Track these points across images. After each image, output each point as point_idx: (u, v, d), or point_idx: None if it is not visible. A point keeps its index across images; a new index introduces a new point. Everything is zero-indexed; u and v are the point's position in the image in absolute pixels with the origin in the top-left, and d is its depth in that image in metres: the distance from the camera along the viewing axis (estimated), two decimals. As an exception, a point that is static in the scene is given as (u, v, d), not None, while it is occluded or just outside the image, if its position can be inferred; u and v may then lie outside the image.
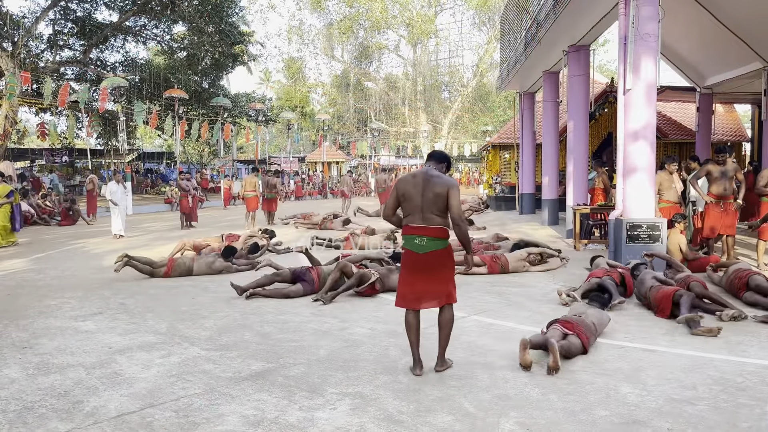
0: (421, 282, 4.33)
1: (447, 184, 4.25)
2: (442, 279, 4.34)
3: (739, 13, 11.96)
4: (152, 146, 57.32)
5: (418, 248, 4.31)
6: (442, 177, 4.31)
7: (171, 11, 29.43)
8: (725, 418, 3.55)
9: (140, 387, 4.14)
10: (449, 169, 4.50)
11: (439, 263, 4.32)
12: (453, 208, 4.23)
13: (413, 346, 4.41)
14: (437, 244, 4.29)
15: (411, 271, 4.36)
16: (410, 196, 4.29)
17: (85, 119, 27.08)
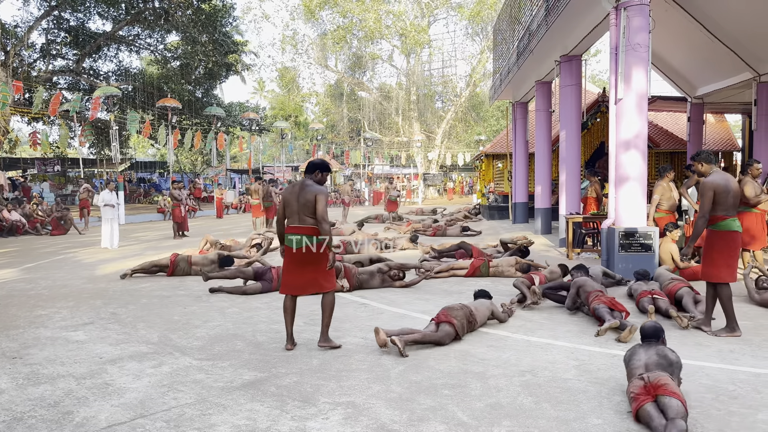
0: (298, 273, 5.19)
1: (315, 192, 5.14)
2: (315, 270, 5.17)
3: (729, 24, 12.10)
4: (145, 156, 57.27)
5: (293, 244, 5.17)
6: (313, 186, 5.20)
7: (164, 21, 29.51)
8: (717, 426, 3.55)
9: (131, 397, 4.10)
10: (324, 172, 5.32)
11: (312, 257, 5.17)
12: (317, 210, 5.11)
13: (288, 326, 5.30)
14: (310, 240, 5.16)
15: (289, 264, 5.26)
16: (289, 203, 5.24)
17: (77, 128, 27.02)
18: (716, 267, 5.57)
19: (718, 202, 5.51)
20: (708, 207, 5.53)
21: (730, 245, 5.58)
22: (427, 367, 4.69)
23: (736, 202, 5.62)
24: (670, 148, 20.04)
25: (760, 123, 13.36)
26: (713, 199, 5.50)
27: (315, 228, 5.16)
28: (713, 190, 5.49)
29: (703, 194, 5.56)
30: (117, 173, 27.69)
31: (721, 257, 5.56)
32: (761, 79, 13.07)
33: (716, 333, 5.58)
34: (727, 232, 5.57)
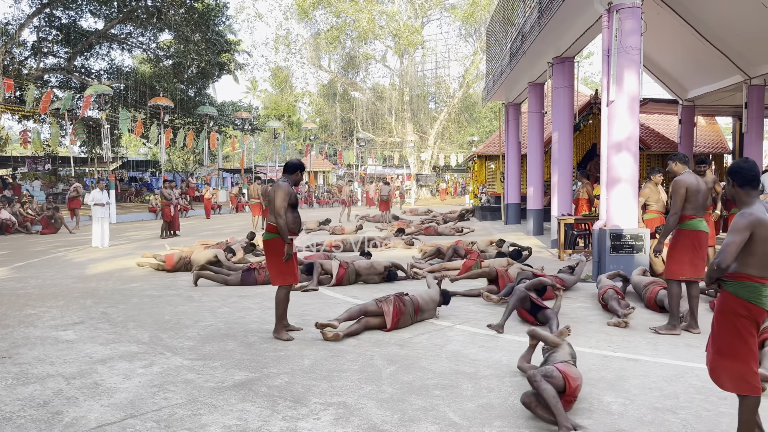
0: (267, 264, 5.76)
1: (275, 188, 5.51)
2: (270, 263, 5.65)
3: (720, 27, 12.19)
4: (137, 154, 56.99)
5: (263, 237, 5.71)
6: (279, 183, 5.54)
7: (157, 19, 29.40)
8: (707, 426, 3.57)
9: (121, 397, 4.08)
10: (295, 171, 5.69)
11: (268, 250, 5.64)
12: (275, 205, 5.44)
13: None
14: (269, 235, 5.61)
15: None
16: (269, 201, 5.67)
17: (68, 127, 26.85)
18: (679, 264, 5.74)
19: (689, 201, 5.69)
20: (680, 204, 5.69)
21: (695, 244, 5.72)
22: (419, 367, 4.69)
23: (704, 204, 5.80)
24: (661, 150, 20.15)
25: (750, 126, 13.46)
26: (685, 197, 5.67)
27: (271, 225, 5.54)
28: (685, 188, 5.67)
29: (676, 192, 5.73)
30: (108, 172, 27.55)
31: (685, 255, 5.71)
32: (752, 82, 13.17)
33: (657, 329, 5.75)
34: (693, 231, 5.72)
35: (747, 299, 3.07)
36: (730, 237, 3.06)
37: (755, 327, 3.10)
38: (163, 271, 9.90)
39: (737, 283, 3.11)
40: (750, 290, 3.07)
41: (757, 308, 3.07)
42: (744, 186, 3.18)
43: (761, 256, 3.05)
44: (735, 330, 3.11)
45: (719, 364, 3.17)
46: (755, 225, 3.03)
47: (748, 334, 3.09)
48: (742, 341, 3.10)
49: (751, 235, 3.03)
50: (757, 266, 3.07)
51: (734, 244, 3.03)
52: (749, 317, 3.08)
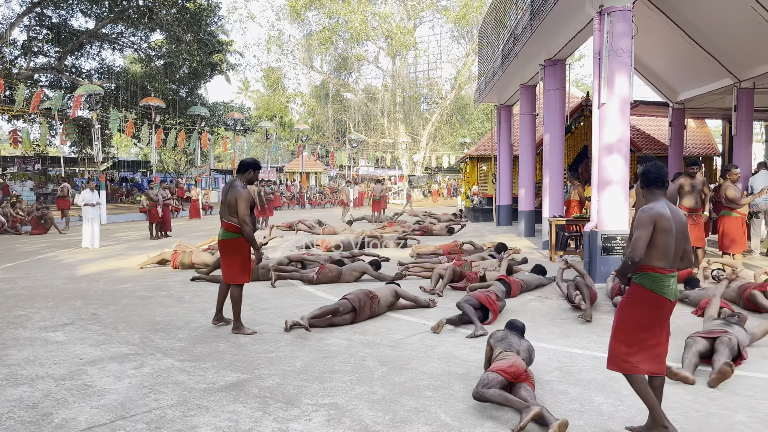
0: (221, 261, 5.97)
1: (236, 195, 5.73)
2: (227, 261, 5.87)
3: (710, 30, 12.27)
4: (128, 155, 56.71)
5: (219, 236, 5.95)
6: (237, 188, 5.76)
7: (148, 19, 29.25)
8: (696, 426, 3.60)
9: (111, 399, 4.06)
10: (247, 170, 5.88)
11: (225, 249, 5.88)
12: (239, 213, 5.71)
13: (217, 303, 6.13)
14: (226, 235, 5.83)
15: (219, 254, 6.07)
16: (222, 200, 5.95)
17: (58, 127, 26.68)
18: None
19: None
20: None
21: None
22: (411, 368, 4.70)
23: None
24: (652, 152, 20.25)
25: (739, 128, 13.55)
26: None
27: (232, 225, 5.79)
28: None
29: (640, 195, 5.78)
30: (99, 172, 27.39)
31: None
32: (741, 85, 13.26)
33: None
34: None
35: (651, 289, 3.32)
36: (637, 232, 3.30)
37: (658, 316, 3.34)
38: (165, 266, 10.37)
39: (643, 274, 3.35)
40: (654, 281, 3.32)
41: (661, 298, 3.32)
42: (649, 186, 3.50)
43: (662, 247, 3.31)
44: (636, 318, 3.35)
45: (612, 346, 3.43)
46: (656, 218, 3.30)
47: (649, 322, 3.33)
48: (641, 329, 3.34)
49: (654, 228, 3.30)
50: (660, 258, 3.32)
51: (642, 239, 3.28)
52: (653, 307, 3.33)
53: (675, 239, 3.36)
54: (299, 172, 41.44)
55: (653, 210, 3.34)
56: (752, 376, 4.52)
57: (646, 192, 3.54)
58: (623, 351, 3.37)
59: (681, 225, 3.41)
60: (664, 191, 3.50)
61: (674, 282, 3.37)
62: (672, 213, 3.39)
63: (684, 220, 3.45)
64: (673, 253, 3.37)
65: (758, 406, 3.92)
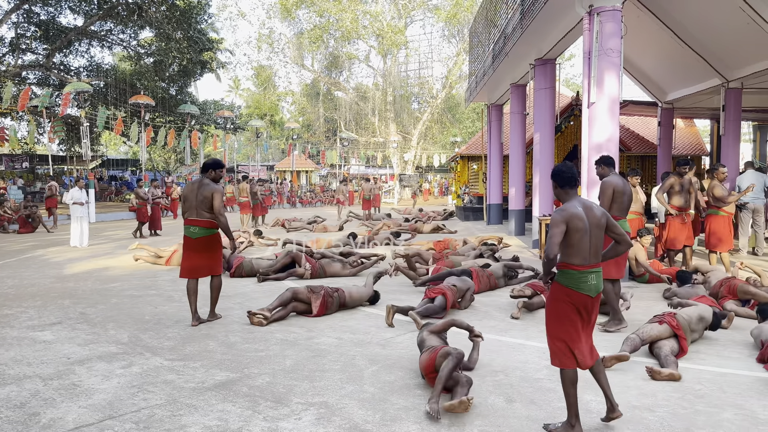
0: (195, 259, 6.12)
1: (212, 190, 6.04)
2: (208, 256, 6.15)
3: (699, 31, 12.36)
4: (117, 153, 56.33)
5: (191, 234, 6.10)
6: (210, 184, 6.08)
7: (138, 16, 29.05)
8: (683, 424, 3.63)
9: (99, 398, 4.04)
10: (207, 170, 6.16)
11: (206, 245, 6.12)
12: (214, 206, 6.03)
13: (192, 305, 6.15)
14: (205, 232, 6.08)
15: (187, 251, 6.19)
16: (188, 199, 6.10)
17: (47, 124, 26.46)
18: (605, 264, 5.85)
19: (615, 202, 5.94)
20: (607, 205, 5.95)
21: None
22: (401, 367, 4.70)
23: (628, 206, 6.06)
24: (641, 151, 20.40)
25: (727, 128, 13.66)
26: (612, 198, 5.93)
27: (210, 221, 6.08)
28: (612, 189, 5.94)
29: (603, 192, 5.98)
30: (87, 170, 27.19)
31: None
32: (729, 85, 13.37)
33: (605, 327, 5.89)
34: None
35: (568, 286, 3.47)
36: (550, 232, 3.45)
37: (577, 311, 3.47)
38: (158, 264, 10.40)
39: (561, 272, 3.52)
40: (570, 278, 3.47)
41: (577, 294, 3.46)
42: (563, 186, 3.65)
43: (577, 246, 3.46)
44: (559, 314, 3.49)
45: (549, 343, 3.56)
46: (568, 218, 3.44)
47: (570, 317, 3.47)
48: (565, 323, 3.47)
49: (567, 228, 3.43)
50: (575, 255, 3.47)
51: (555, 237, 3.42)
52: (571, 302, 3.46)
53: (590, 236, 3.49)
54: (290, 170, 41.32)
55: (566, 210, 3.46)
56: (739, 374, 4.56)
57: (561, 192, 3.66)
58: (561, 347, 3.48)
59: (596, 220, 3.53)
60: (576, 190, 3.65)
61: (594, 278, 3.49)
62: (586, 211, 3.52)
63: (600, 214, 3.57)
64: (590, 250, 3.50)
65: (745, 403, 3.96)
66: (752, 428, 3.58)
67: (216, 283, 6.32)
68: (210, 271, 6.22)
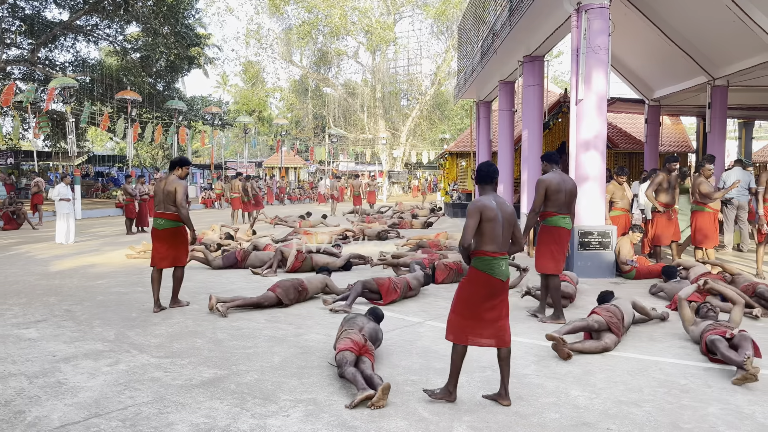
0: (161, 249, 6.56)
1: (175, 185, 6.47)
2: (174, 247, 6.59)
3: (685, 29, 12.44)
4: (103, 149, 55.85)
5: (158, 226, 6.56)
6: (175, 180, 6.50)
7: (124, 11, 28.73)
8: (670, 419, 3.66)
9: (85, 396, 4.00)
10: (174, 168, 6.59)
11: (170, 236, 6.55)
12: (177, 199, 6.44)
13: (155, 293, 6.58)
14: (170, 224, 6.52)
15: (154, 242, 6.65)
16: (156, 194, 6.55)
17: (32, 120, 26.16)
18: (543, 259, 6.11)
19: (550, 199, 6.00)
20: (539, 202, 6.06)
21: (556, 240, 6.09)
22: (390, 363, 4.70)
23: (568, 202, 6.09)
24: (628, 148, 20.53)
25: (713, 125, 13.77)
26: (545, 196, 5.99)
27: (174, 214, 6.48)
28: (545, 188, 5.98)
29: (537, 189, 6.07)
30: (73, 167, 26.92)
31: (547, 250, 6.08)
32: (715, 83, 13.47)
33: (543, 319, 6.02)
34: (554, 227, 6.10)
35: (483, 270, 3.80)
36: (466, 222, 3.77)
37: (489, 295, 3.80)
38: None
39: (477, 258, 3.83)
40: (485, 263, 3.80)
41: (492, 278, 3.79)
42: (481, 183, 3.97)
43: (490, 234, 3.78)
44: (470, 294, 3.83)
45: (449, 317, 3.92)
46: (481, 209, 3.77)
47: (477, 299, 3.81)
48: (472, 304, 3.82)
49: (480, 218, 3.75)
50: (489, 243, 3.80)
51: (469, 227, 3.75)
52: (483, 285, 3.80)
53: (502, 227, 3.83)
54: (278, 167, 41.18)
55: (480, 202, 3.80)
56: (724, 369, 4.60)
57: (479, 187, 3.98)
58: (461, 324, 3.85)
59: (507, 214, 3.87)
60: (493, 186, 3.96)
61: (505, 264, 3.84)
62: (498, 204, 3.85)
63: (511, 210, 3.91)
64: (502, 239, 3.84)
65: (730, 398, 4.00)
66: (737, 422, 3.61)
67: (178, 273, 6.71)
68: (174, 261, 6.62)
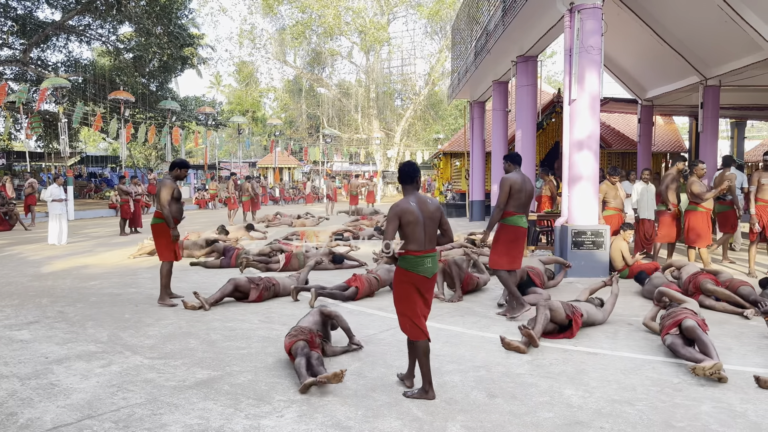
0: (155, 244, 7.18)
1: (160, 185, 6.94)
2: (156, 242, 7.11)
3: (678, 29, 12.50)
4: (96, 150, 55.62)
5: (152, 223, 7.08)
6: (163, 181, 6.97)
7: (117, 11, 28.61)
8: (662, 417, 3.67)
9: (78, 398, 3.98)
10: (174, 169, 7.06)
11: (155, 232, 7.06)
12: (159, 199, 6.85)
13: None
14: (155, 221, 7.01)
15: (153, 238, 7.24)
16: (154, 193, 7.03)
17: (24, 120, 26.01)
18: (498, 255, 6.27)
19: (512, 198, 6.14)
20: (504, 199, 6.20)
21: (512, 238, 6.26)
22: (383, 363, 4.70)
23: (527, 202, 6.25)
24: (621, 148, 20.61)
25: (706, 125, 13.84)
26: (509, 194, 6.14)
27: (158, 212, 6.94)
28: (510, 186, 6.15)
29: (501, 188, 6.20)
30: (66, 167, 26.80)
31: (503, 248, 6.25)
32: (707, 83, 13.54)
33: (510, 315, 6.20)
34: (512, 226, 6.25)
35: (407, 269, 3.96)
36: (386, 226, 3.94)
37: (417, 291, 3.97)
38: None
39: (402, 258, 3.98)
40: (409, 262, 3.96)
41: (416, 275, 3.96)
42: (403, 183, 4.10)
43: (411, 235, 3.93)
44: (402, 293, 4.01)
45: (399, 320, 4.06)
46: (400, 213, 3.92)
47: (411, 295, 3.97)
48: (409, 301, 3.98)
49: (399, 222, 3.91)
50: (412, 243, 3.95)
51: (389, 232, 3.93)
52: (411, 283, 3.97)
53: (423, 226, 3.96)
54: (272, 167, 41.10)
55: (398, 207, 3.94)
56: (716, 367, 4.62)
57: (402, 188, 4.10)
58: (408, 323, 3.99)
59: (430, 212, 4.00)
60: (414, 186, 4.08)
61: (429, 261, 3.98)
62: (420, 205, 3.98)
63: (433, 208, 4.04)
64: (425, 238, 3.97)
65: (723, 396, 4.02)
66: (730, 421, 3.63)
67: (161, 269, 7.01)
68: (159, 255, 7.07)
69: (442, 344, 5.25)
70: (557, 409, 3.80)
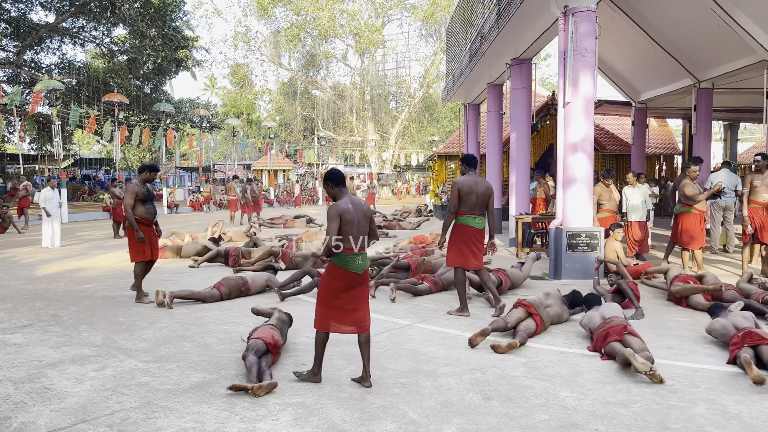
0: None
1: (126, 186, 7.17)
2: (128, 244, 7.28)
3: (671, 31, 12.57)
4: (90, 152, 55.43)
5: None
6: (129, 184, 7.21)
7: (111, 13, 28.56)
8: (657, 419, 3.68)
9: (72, 402, 3.96)
10: (143, 172, 7.35)
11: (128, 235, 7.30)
12: (124, 200, 7.09)
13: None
14: (128, 223, 7.15)
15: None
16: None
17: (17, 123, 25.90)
18: (452, 254, 6.51)
19: (462, 200, 6.39)
20: (454, 203, 6.44)
21: (464, 238, 6.47)
22: (379, 366, 4.70)
23: (480, 203, 6.43)
24: (615, 150, 20.69)
25: (699, 127, 13.92)
26: (458, 197, 6.38)
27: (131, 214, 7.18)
28: (458, 189, 6.38)
29: (451, 192, 6.44)
30: (59, 170, 26.68)
31: (457, 246, 6.46)
32: (701, 86, 13.62)
33: (450, 312, 6.50)
34: (464, 226, 6.47)
35: (339, 266, 4.20)
36: (329, 226, 4.10)
37: (346, 287, 4.21)
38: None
39: (335, 255, 4.19)
40: (340, 259, 4.19)
41: (347, 272, 4.19)
42: (337, 185, 4.29)
43: (347, 234, 4.15)
44: (328, 286, 4.25)
45: (316, 308, 4.32)
46: (341, 213, 4.13)
47: (335, 291, 4.22)
48: (330, 294, 4.23)
49: (340, 220, 4.10)
50: (346, 241, 4.15)
51: (332, 230, 4.09)
52: (340, 279, 4.21)
53: (358, 225, 4.21)
54: (267, 169, 41.06)
55: (338, 206, 4.16)
56: (711, 369, 4.64)
57: (336, 190, 4.28)
58: (324, 313, 4.25)
59: (362, 213, 4.26)
60: (345, 189, 4.29)
61: (360, 259, 4.22)
62: (354, 206, 4.22)
63: (366, 208, 4.33)
64: (358, 236, 4.21)
65: (717, 398, 4.03)
66: (724, 422, 3.64)
67: (135, 269, 7.32)
68: (130, 256, 7.29)
69: (438, 347, 5.26)
70: (552, 411, 3.80)
